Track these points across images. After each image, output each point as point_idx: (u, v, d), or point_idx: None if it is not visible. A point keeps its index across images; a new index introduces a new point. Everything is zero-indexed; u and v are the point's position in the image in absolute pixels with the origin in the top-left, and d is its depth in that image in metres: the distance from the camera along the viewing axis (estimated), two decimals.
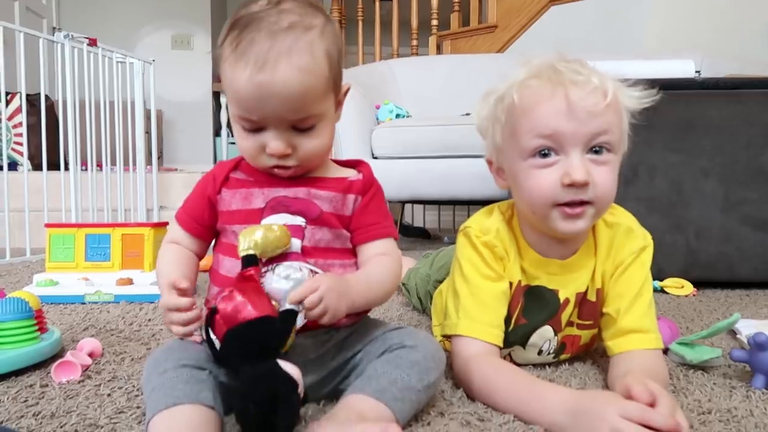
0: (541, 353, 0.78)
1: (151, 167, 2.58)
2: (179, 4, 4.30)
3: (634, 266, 0.73)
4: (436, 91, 2.51)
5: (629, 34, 3.04)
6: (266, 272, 0.60)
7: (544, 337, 0.76)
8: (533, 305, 0.75)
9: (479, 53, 3.06)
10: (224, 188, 0.65)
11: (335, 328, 0.63)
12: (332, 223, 0.64)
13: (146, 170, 2.54)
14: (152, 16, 4.28)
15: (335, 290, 0.56)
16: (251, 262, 0.57)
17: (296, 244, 0.62)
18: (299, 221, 0.63)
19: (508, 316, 0.73)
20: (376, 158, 2.06)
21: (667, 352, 0.82)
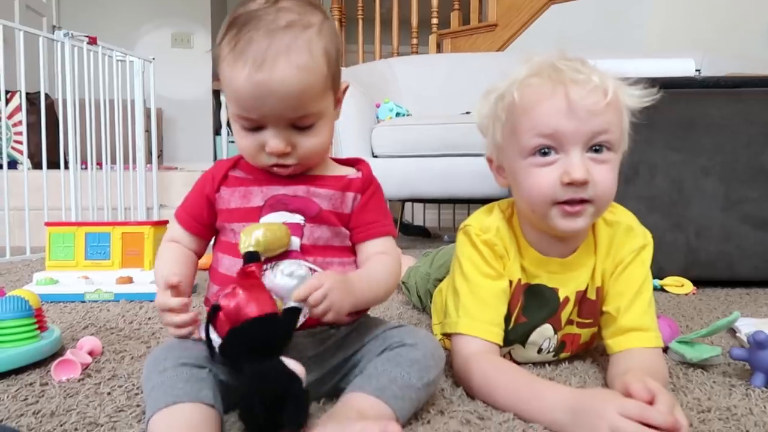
0: (540, 352, 0.78)
1: (151, 166, 2.58)
2: (179, 2, 4.30)
3: (634, 265, 0.73)
4: (436, 89, 2.51)
5: (629, 32, 3.04)
6: (267, 269, 0.59)
7: (543, 335, 0.76)
8: (533, 304, 0.75)
9: (479, 52, 3.06)
10: (223, 186, 0.65)
11: (335, 326, 0.63)
12: (331, 221, 0.64)
13: (146, 169, 2.54)
14: (152, 14, 4.28)
15: (339, 288, 0.56)
16: (253, 258, 0.57)
17: (295, 242, 0.62)
18: (298, 219, 0.63)
19: (508, 314, 0.73)
20: (376, 157, 2.06)
21: (666, 350, 0.82)
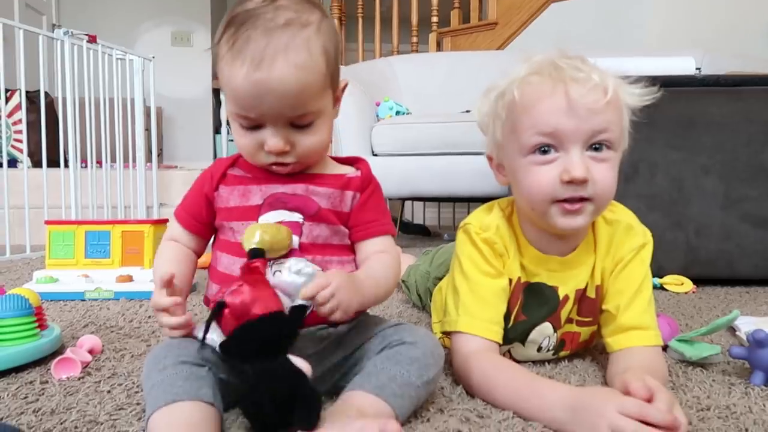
0: (540, 350, 0.78)
1: (150, 164, 2.58)
2: (179, 0, 4.29)
3: (633, 263, 0.73)
4: (436, 88, 2.51)
5: (630, 31, 3.03)
6: (270, 267, 0.59)
7: (543, 333, 0.76)
8: (533, 302, 0.75)
9: (479, 50, 3.06)
10: (222, 185, 0.65)
11: (334, 324, 0.63)
12: (330, 219, 0.64)
13: (146, 167, 2.54)
14: (152, 12, 4.27)
15: (346, 287, 0.56)
16: (257, 255, 0.57)
17: (294, 240, 0.62)
18: (297, 217, 0.63)
19: (507, 312, 0.73)
20: (376, 155, 2.06)
21: (666, 349, 0.82)
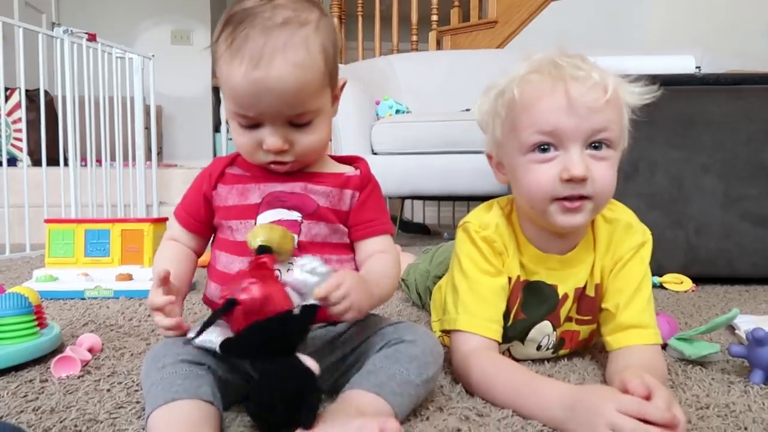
0: (539, 348, 0.78)
1: (150, 163, 2.57)
2: None
3: (633, 262, 0.73)
4: (436, 86, 2.51)
5: (630, 29, 3.03)
6: (282, 264, 0.59)
7: (542, 332, 0.76)
8: (532, 300, 0.75)
9: (479, 49, 3.06)
10: (220, 184, 0.65)
11: (333, 323, 0.63)
12: (329, 217, 0.64)
13: (146, 166, 2.54)
14: (152, 11, 4.27)
15: (358, 288, 0.56)
16: (264, 251, 0.56)
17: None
18: (295, 216, 0.63)
19: (507, 311, 0.73)
20: (375, 154, 2.06)
21: (665, 347, 0.82)
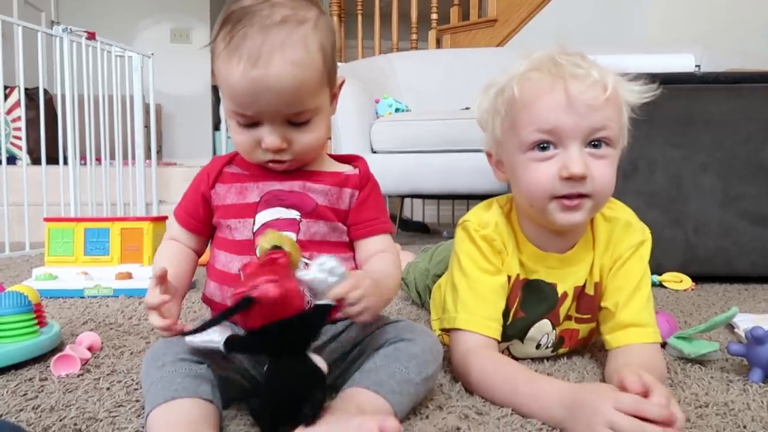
0: (539, 347, 0.78)
1: (150, 161, 2.57)
2: None
3: (632, 260, 0.73)
4: (435, 85, 2.51)
5: (629, 28, 3.03)
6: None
7: (542, 330, 0.76)
8: (531, 299, 0.75)
9: (479, 47, 3.06)
10: (218, 183, 0.65)
11: (333, 321, 0.63)
12: (328, 216, 0.64)
13: (145, 164, 2.53)
14: (151, 9, 4.26)
15: (373, 288, 0.56)
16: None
17: (291, 237, 0.62)
18: (294, 215, 0.63)
19: (506, 309, 0.74)
20: (375, 152, 2.06)
21: (665, 346, 0.82)
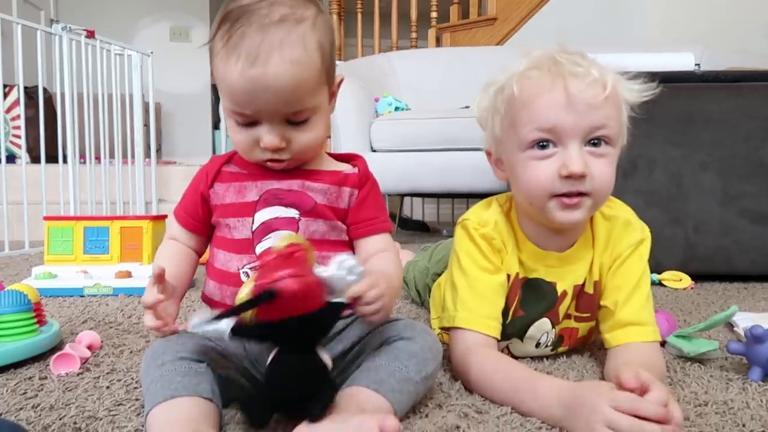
0: (538, 346, 0.78)
1: (149, 160, 2.57)
2: None
3: (631, 259, 0.73)
4: (435, 83, 2.51)
5: (629, 26, 3.02)
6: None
7: (541, 329, 0.76)
8: (531, 297, 0.75)
9: (479, 46, 3.05)
10: (217, 182, 0.66)
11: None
12: (327, 215, 0.64)
13: (145, 163, 2.53)
14: (150, 8, 4.25)
15: (389, 289, 0.56)
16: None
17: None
18: (293, 213, 0.63)
19: (505, 308, 0.74)
20: (375, 151, 2.06)
21: (664, 344, 0.82)
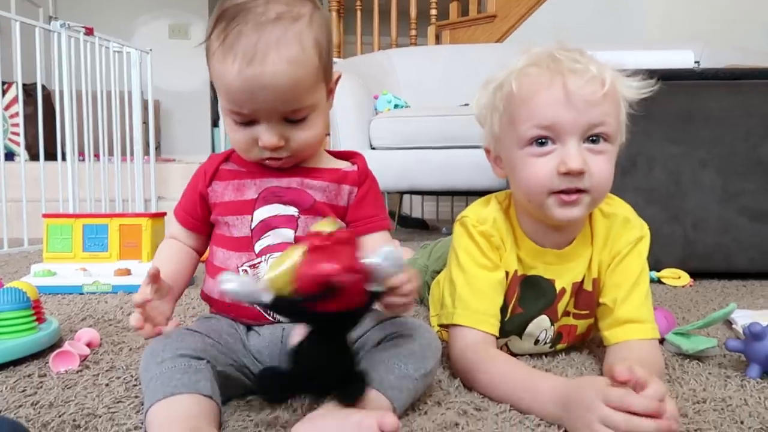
0: (537, 343, 0.78)
1: (148, 157, 2.57)
2: None
3: (630, 256, 0.73)
4: (434, 81, 2.50)
5: (629, 24, 3.02)
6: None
7: (540, 326, 0.76)
8: (530, 295, 0.75)
9: (478, 43, 3.05)
10: (216, 181, 0.66)
11: None
12: (326, 212, 0.64)
13: (144, 160, 2.53)
14: (150, 5, 4.25)
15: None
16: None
17: (289, 234, 0.62)
18: (292, 211, 0.63)
19: (504, 305, 0.74)
20: (374, 149, 2.05)
21: (663, 342, 0.82)
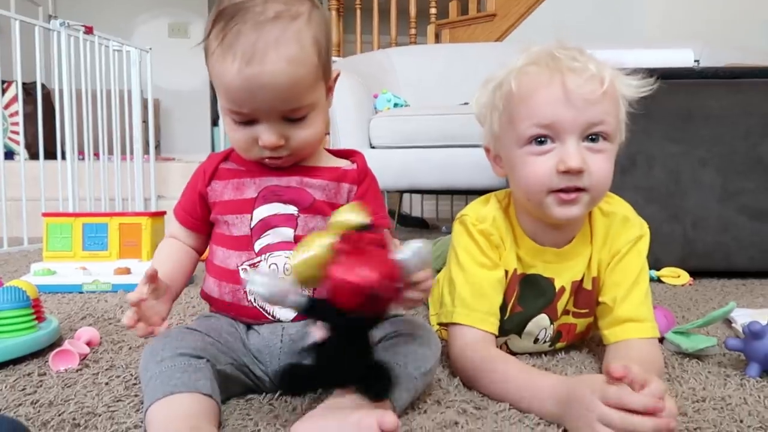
0: (537, 342, 0.78)
1: (148, 156, 2.57)
2: None
3: (630, 255, 0.73)
4: (434, 80, 2.50)
5: (628, 22, 3.02)
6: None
7: (540, 325, 0.76)
8: (529, 293, 0.75)
9: (478, 42, 3.05)
10: (215, 180, 0.65)
11: None
12: (325, 211, 0.64)
13: (143, 159, 2.53)
14: (149, 4, 4.24)
15: None
16: (366, 228, 0.52)
17: (288, 233, 0.62)
18: (291, 210, 0.63)
19: (504, 304, 0.74)
20: (374, 148, 2.05)
21: (662, 341, 0.82)
